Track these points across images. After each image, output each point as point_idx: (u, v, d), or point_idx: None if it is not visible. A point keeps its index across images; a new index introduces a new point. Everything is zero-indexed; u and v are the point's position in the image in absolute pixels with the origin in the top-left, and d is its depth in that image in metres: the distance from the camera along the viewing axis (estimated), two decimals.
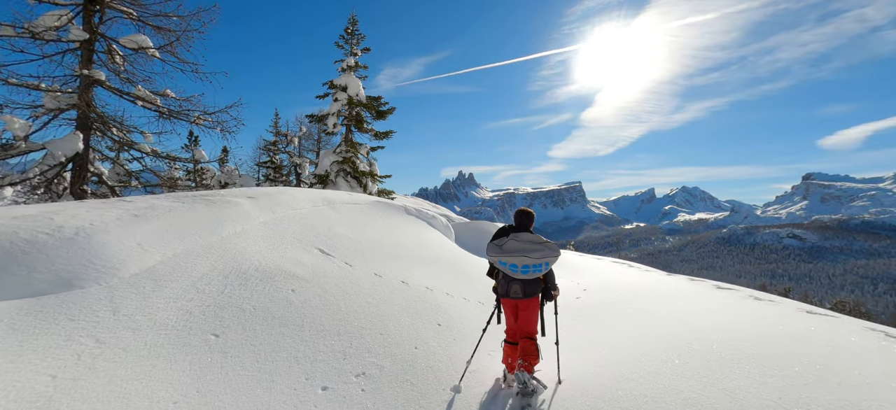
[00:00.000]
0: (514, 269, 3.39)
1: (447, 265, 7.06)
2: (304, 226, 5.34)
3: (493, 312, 3.94)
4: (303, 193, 6.27)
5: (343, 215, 6.46)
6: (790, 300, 6.17)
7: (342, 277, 4.58)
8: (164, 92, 10.90)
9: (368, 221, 6.83)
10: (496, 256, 3.45)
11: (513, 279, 3.48)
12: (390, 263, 5.72)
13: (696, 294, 6.76)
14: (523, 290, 3.46)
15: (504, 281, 3.57)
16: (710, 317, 5.24)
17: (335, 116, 13.32)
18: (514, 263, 3.36)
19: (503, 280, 3.59)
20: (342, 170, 13.11)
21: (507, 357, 3.64)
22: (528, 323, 3.58)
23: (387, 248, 6.20)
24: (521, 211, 3.75)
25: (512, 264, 3.38)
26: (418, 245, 7.15)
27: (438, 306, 5.09)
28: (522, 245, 3.36)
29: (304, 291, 3.90)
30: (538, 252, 3.34)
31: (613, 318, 6.09)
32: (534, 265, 3.34)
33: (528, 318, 3.57)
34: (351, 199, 7.23)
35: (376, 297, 4.52)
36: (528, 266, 3.34)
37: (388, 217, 7.70)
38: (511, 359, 3.58)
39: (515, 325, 3.67)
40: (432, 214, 9.57)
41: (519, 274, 3.40)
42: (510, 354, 3.62)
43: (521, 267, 3.36)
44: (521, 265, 3.35)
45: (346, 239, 5.69)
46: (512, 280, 3.49)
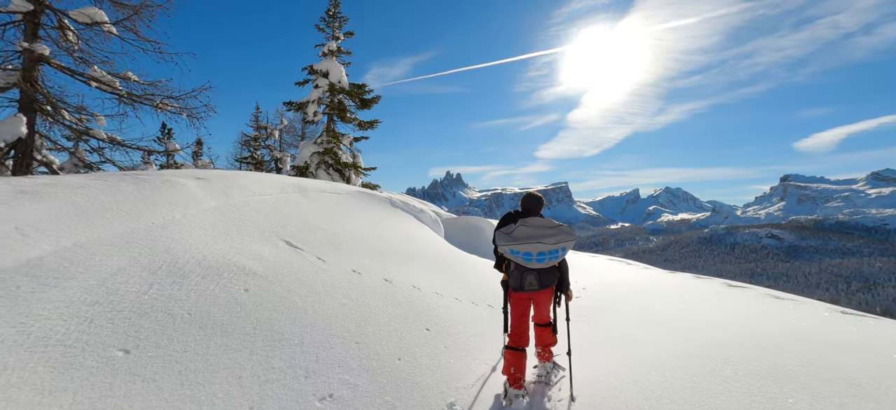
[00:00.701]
0: (527, 258, 3.02)
1: (436, 262, 6.35)
2: (269, 215, 4.55)
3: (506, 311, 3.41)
4: (270, 178, 5.49)
5: (318, 204, 5.68)
6: (812, 300, 5.67)
7: (312, 274, 3.84)
8: (125, 74, 9.88)
9: (348, 212, 6.07)
10: (506, 244, 3.05)
11: (527, 269, 3.12)
12: (372, 259, 4.99)
13: (707, 293, 6.23)
14: (539, 281, 3.13)
15: (517, 272, 3.17)
16: (734, 320, 4.67)
17: (316, 104, 12.43)
18: (528, 251, 2.99)
19: (516, 271, 3.18)
20: (323, 162, 12.23)
21: (509, 367, 3.11)
22: (541, 312, 3.39)
23: (368, 243, 5.46)
24: (530, 195, 3.40)
25: (525, 252, 3.00)
26: (404, 239, 6.43)
27: (427, 308, 4.38)
28: (534, 230, 3.01)
29: (260, 291, 3.14)
30: (553, 236, 2.99)
31: (619, 319, 5.49)
32: (549, 251, 2.99)
33: (542, 306, 3.36)
34: (329, 188, 6.46)
35: (353, 298, 3.79)
36: (543, 253, 2.98)
37: (371, 209, 6.95)
38: (514, 369, 3.09)
39: (526, 324, 3.29)
40: (419, 207, 8.84)
41: (533, 263, 3.04)
42: (514, 363, 3.12)
43: (535, 255, 2.99)
44: (536, 253, 2.98)
45: (321, 232, 4.93)
46: (526, 270, 3.13)
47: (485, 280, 6.94)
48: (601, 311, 6.09)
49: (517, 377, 3.06)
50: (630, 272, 8.97)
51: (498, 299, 6.18)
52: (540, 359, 3.52)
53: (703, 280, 7.44)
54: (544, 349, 3.46)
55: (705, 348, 3.62)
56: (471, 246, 11.18)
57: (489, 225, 11.88)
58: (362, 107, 13.27)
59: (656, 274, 8.64)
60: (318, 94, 12.39)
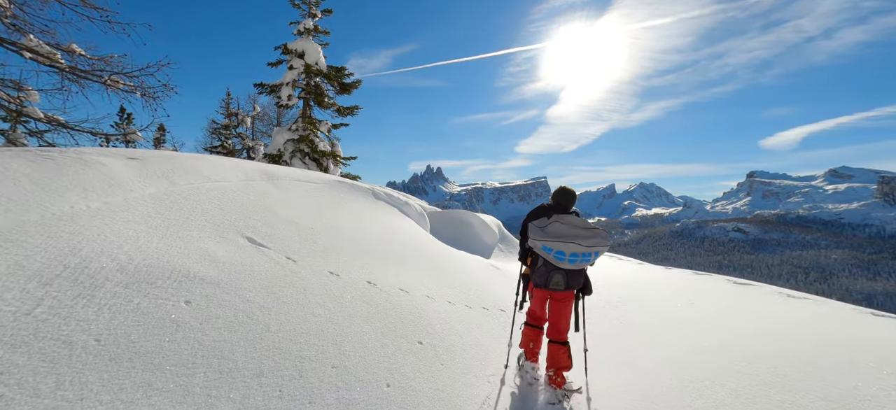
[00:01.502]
0: (560, 257, 2.89)
1: (425, 259, 5.71)
2: (227, 205, 3.78)
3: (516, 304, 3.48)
4: (231, 162, 4.67)
5: (290, 195, 4.91)
6: (827, 299, 5.36)
7: (279, 278, 3.12)
8: (69, 46, 8.69)
9: (325, 204, 5.33)
10: (540, 240, 2.90)
11: (556, 268, 2.98)
12: (353, 258, 4.30)
13: (714, 291, 5.87)
14: (566, 281, 3.00)
15: (544, 269, 3.03)
16: (755, 324, 4.25)
17: (290, 87, 11.42)
18: (561, 250, 2.84)
19: (544, 268, 3.04)
20: (299, 150, 11.27)
21: (528, 342, 3.22)
22: (559, 320, 3.12)
23: (349, 239, 4.76)
24: (564, 189, 3.24)
25: (558, 251, 2.86)
26: (389, 235, 5.74)
27: (418, 315, 3.74)
28: (571, 229, 2.86)
29: (207, 303, 2.42)
30: (589, 239, 2.82)
31: (626, 323, 5.01)
32: (583, 254, 2.85)
33: (561, 314, 3.12)
34: (303, 177, 5.67)
35: (330, 307, 3.11)
36: (576, 254, 2.84)
37: (352, 201, 6.22)
38: (532, 344, 3.19)
39: (543, 317, 3.26)
40: (404, 200, 8.15)
41: (565, 263, 2.90)
42: (532, 338, 3.21)
43: (568, 256, 2.85)
44: (569, 253, 2.83)
45: (292, 226, 4.19)
46: (554, 269, 2.99)
47: (476, 278, 6.35)
48: (604, 312, 5.61)
49: (535, 351, 3.15)
50: (625, 268, 8.61)
51: (492, 300, 5.61)
52: (550, 383, 3.05)
53: (704, 276, 7.13)
54: (556, 373, 3.04)
55: (746, 361, 3.14)
56: (458, 241, 10.57)
57: (476, 219, 11.30)
58: (342, 92, 12.32)
59: (653, 270, 8.31)
60: (293, 76, 11.37)
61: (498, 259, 10.37)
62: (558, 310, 3.13)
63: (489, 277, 6.93)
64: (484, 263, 8.08)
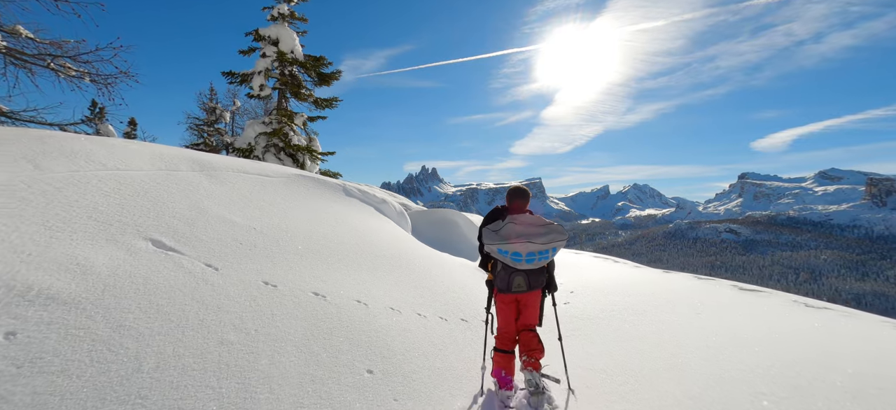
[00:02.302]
0: (516, 259, 2.84)
1: (399, 265, 5.03)
2: (130, 201, 3.05)
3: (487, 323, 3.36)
4: (148, 149, 3.90)
5: (229, 189, 4.18)
6: (857, 311, 4.76)
7: (184, 293, 2.42)
8: (13, 28, 7.90)
9: (277, 201, 4.62)
10: (494, 243, 2.85)
11: (515, 270, 2.93)
12: (303, 265, 3.60)
13: (721, 300, 5.24)
14: (528, 282, 2.95)
15: (504, 273, 2.98)
16: (785, 343, 3.62)
17: (262, 76, 10.61)
18: (517, 251, 2.80)
19: (503, 272, 2.99)
20: (272, 145, 10.50)
21: (500, 369, 2.95)
22: (528, 317, 3.06)
23: (303, 242, 4.06)
24: (517, 188, 3.20)
25: (514, 253, 2.81)
26: (356, 238, 5.05)
27: (373, 334, 3.06)
28: (524, 229, 2.84)
29: (43, 335, 1.71)
30: (544, 235, 2.80)
31: (627, 337, 4.36)
32: (540, 252, 2.81)
33: (530, 312, 3.06)
34: (253, 169, 4.94)
35: (250, 329, 2.41)
36: (533, 253, 2.80)
37: (314, 198, 5.51)
38: (505, 372, 2.92)
39: (513, 327, 3.09)
40: (381, 197, 7.45)
41: (523, 264, 2.86)
42: (503, 365, 2.96)
43: (525, 256, 2.80)
44: (526, 253, 2.79)
45: (226, 226, 3.48)
46: (514, 271, 2.94)
47: (458, 284, 5.68)
48: (596, 324, 4.97)
49: (507, 379, 2.88)
50: (620, 272, 7.99)
51: (473, 310, 4.94)
52: (525, 367, 2.91)
53: (706, 281, 6.52)
54: (530, 355, 2.93)
55: (794, 390, 2.49)
56: (443, 242, 9.90)
57: (463, 218, 10.64)
58: (321, 83, 11.56)
59: (650, 274, 7.70)
60: (266, 65, 10.54)
61: None
62: (525, 305, 3.05)
63: (472, 282, 6.26)
64: (469, 266, 7.42)
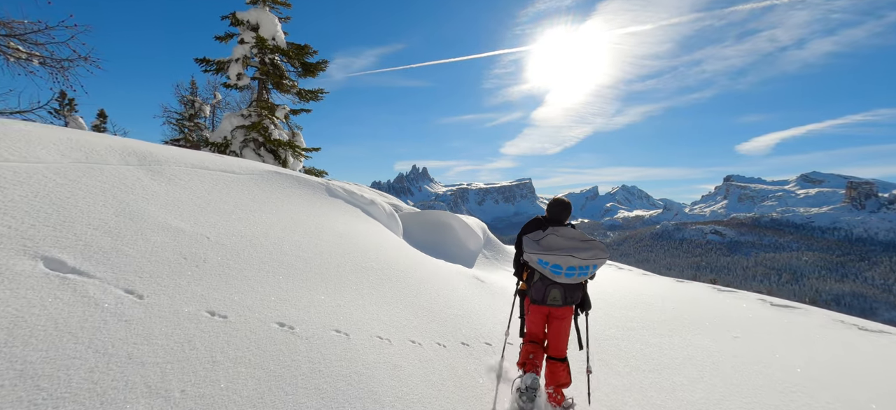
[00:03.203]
0: (556, 271, 2.71)
1: (386, 278, 4.31)
2: (20, 203, 2.27)
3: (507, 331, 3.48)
4: (62, 134, 3.05)
5: (178, 189, 3.38)
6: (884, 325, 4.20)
7: (74, 336, 1.67)
8: None
9: (244, 204, 3.85)
10: (535, 253, 2.73)
11: (553, 283, 2.81)
12: (268, 284, 2.86)
13: (753, 316, 4.65)
14: (563, 296, 2.83)
15: (541, 284, 2.86)
16: (860, 381, 3.00)
17: (240, 64, 9.69)
18: (558, 264, 2.67)
19: (540, 283, 2.87)
20: (251, 139, 9.60)
21: (528, 354, 2.87)
22: (558, 338, 2.92)
23: (271, 254, 3.31)
24: (558, 201, 3.10)
25: (554, 265, 2.69)
26: (339, 246, 4.31)
27: (355, 378, 2.34)
28: (567, 242, 2.73)
29: None
30: (586, 251, 2.67)
31: (657, 365, 3.71)
32: (580, 267, 2.68)
33: (560, 331, 2.92)
34: (216, 164, 4.13)
35: (176, 392, 1.68)
36: (573, 268, 2.67)
37: (292, 198, 4.74)
38: (533, 355, 2.85)
39: (543, 332, 3.00)
40: (369, 198, 6.71)
41: (562, 277, 2.74)
42: (532, 351, 2.89)
43: (565, 269, 2.68)
44: (566, 266, 2.66)
45: (168, 236, 2.71)
46: (551, 284, 2.82)
47: (457, 299, 4.98)
48: (617, 346, 4.31)
49: (535, 363, 2.86)
50: (630, 281, 7.40)
51: (474, 330, 4.26)
52: (549, 401, 2.87)
53: (728, 293, 5.96)
54: (556, 390, 2.88)
55: None
56: (438, 247, 9.18)
57: (458, 221, 9.94)
58: (305, 74, 10.68)
59: (662, 284, 7.13)
60: (244, 52, 9.61)
61: (482, 267, 9.03)
62: (557, 328, 2.95)
63: (472, 295, 5.58)
64: (466, 275, 6.73)
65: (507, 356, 3.61)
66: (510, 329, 3.65)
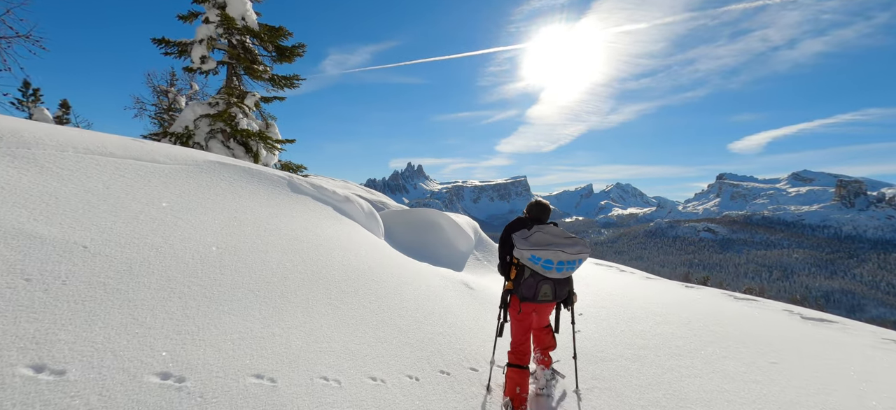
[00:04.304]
0: (547, 267, 2.78)
1: (351, 292, 3.55)
2: None
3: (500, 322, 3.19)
4: None
5: (56, 181, 2.54)
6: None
7: None
8: None
9: (160, 202, 3.06)
10: (527, 249, 2.79)
11: (544, 278, 2.88)
12: (162, 310, 2.09)
13: (787, 334, 3.94)
14: (554, 292, 2.91)
15: (532, 280, 2.89)
16: None
17: (205, 46, 8.72)
18: (549, 259, 2.75)
19: (531, 279, 2.90)
20: (217, 130, 8.69)
21: (514, 387, 2.82)
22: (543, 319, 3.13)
23: (181, 267, 2.52)
24: (539, 203, 3.18)
25: (546, 260, 2.76)
26: (292, 252, 3.54)
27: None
28: (554, 238, 2.79)
29: None
30: (572, 246, 2.77)
31: (681, 401, 3.00)
32: (569, 262, 2.79)
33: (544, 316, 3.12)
34: (126, 151, 3.26)
35: None
36: (563, 262, 2.77)
37: (237, 196, 3.94)
38: (519, 389, 2.81)
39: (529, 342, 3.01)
40: (343, 196, 5.92)
41: (553, 272, 2.82)
42: (519, 382, 2.83)
43: (556, 264, 2.77)
44: (557, 261, 2.75)
45: (11, 246, 1.91)
46: (543, 279, 2.88)
47: (439, 310, 4.24)
48: (624, 370, 3.58)
49: (523, 397, 2.80)
50: (634, 286, 6.70)
51: (458, 351, 3.54)
52: (538, 364, 3.09)
53: (749, 303, 5.27)
54: (543, 353, 3.12)
55: None
56: (424, 248, 8.42)
57: (447, 220, 9.18)
58: (280, 59, 9.78)
59: (671, 289, 6.43)
60: (209, 32, 8.65)
61: (473, 271, 8.29)
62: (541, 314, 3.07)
63: (458, 304, 4.83)
64: (453, 280, 5.98)
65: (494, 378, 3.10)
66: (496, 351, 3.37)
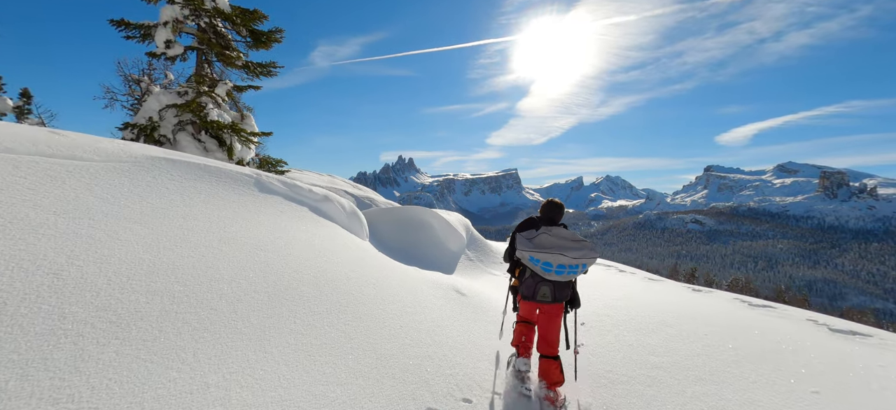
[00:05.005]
0: (547, 269, 2.85)
1: (323, 310, 2.99)
2: None
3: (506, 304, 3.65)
4: None
5: None
6: None
7: None
8: None
9: (68, 208, 2.45)
10: (527, 251, 2.88)
11: (543, 279, 2.98)
12: (42, 361, 1.52)
13: (820, 352, 3.51)
14: (553, 293, 2.99)
15: (531, 281, 3.04)
16: None
17: (169, 29, 7.90)
18: (549, 261, 2.81)
19: (531, 280, 3.04)
20: (187, 122, 7.92)
21: (521, 336, 3.11)
22: (549, 332, 3.04)
23: (93, 300, 1.94)
24: (552, 202, 3.21)
25: (545, 262, 2.83)
26: (249, 266, 2.96)
27: None
28: (558, 241, 2.84)
29: None
30: (576, 250, 2.79)
31: None
32: (570, 266, 2.81)
33: (550, 326, 3.05)
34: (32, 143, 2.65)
35: None
36: (563, 266, 2.80)
37: (187, 199, 3.32)
38: (525, 338, 3.09)
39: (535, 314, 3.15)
40: (322, 194, 5.32)
41: (552, 275, 2.88)
42: (524, 332, 3.12)
43: (556, 267, 2.82)
44: (556, 264, 2.80)
45: None
46: (541, 280, 2.99)
47: (427, 325, 3.71)
48: (640, 397, 3.11)
49: (527, 346, 3.07)
50: (638, 291, 6.25)
51: (446, 377, 3.02)
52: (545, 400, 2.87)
53: (764, 310, 4.85)
54: (549, 386, 2.91)
55: None
56: (413, 249, 7.87)
57: (438, 219, 8.63)
58: (256, 45, 9.01)
59: (677, 292, 5.99)
60: (175, 14, 7.78)
61: (465, 273, 7.77)
62: (547, 322, 3.06)
63: (448, 316, 4.31)
64: (444, 286, 5.45)
65: None
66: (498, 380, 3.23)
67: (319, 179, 13.73)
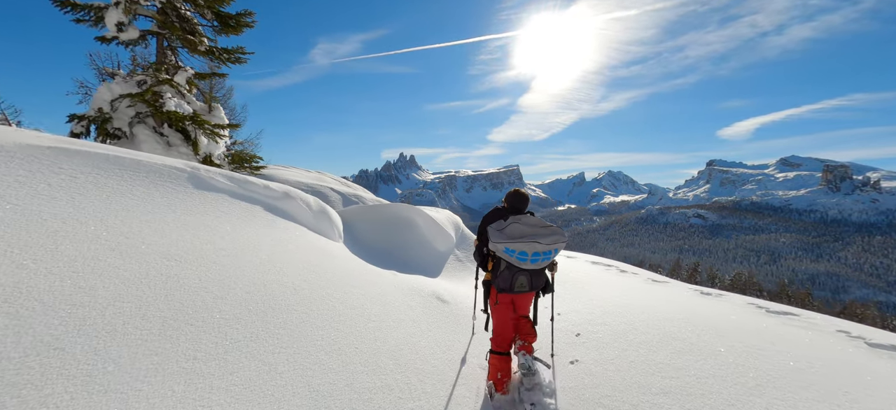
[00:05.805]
0: (522, 258, 2.81)
1: (252, 336, 2.37)
2: None
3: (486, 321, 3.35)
4: None
5: None
6: None
7: None
8: None
9: None
10: (502, 242, 2.81)
11: (520, 270, 2.93)
12: None
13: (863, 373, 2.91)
14: (530, 282, 2.98)
15: (508, 273, 2.96)
16: None
17: (121, 10, 7.18)
18: (524, 251, 2.77)
19: (507, 271, 2.96)
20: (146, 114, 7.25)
21: (496, 372, 2.96)
22: (523, 309, 3.14)
23: None
24: (518, 192, 3.20)
25: (520, 252, 2.79)
26: (160, 283, 2.34)
27: None
28: (530, 229, 2.82)
29: None
30: (548, 236, 2.78)
31: None
32: (544, 252, 2.80)
33: (524, 306, 3.15)
34: None
35: None
36: (538, 253, 2.79)
37: (78, 198, 2.71)
38: (501, 374, 2.95)
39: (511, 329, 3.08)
40: (282, 191, 4.68)
41: (527, 264, 2.85)
42: (500, 368, 2.97)
43: (531, 255, 2.79)
44: (531, 253, 2.77)
45: None
46: (518, 271, 2.94)
47: (393, 343, 3.09)
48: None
49: (504, 381, 2.94)
50: (641, 294, 5.60)
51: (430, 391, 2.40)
52: (519, 350, 2.92)
53: (785, 317, 4.19)
54: (524, 339, 2.99)
55: None
56: (396, 251, 7.21)
57: (423, 217, 7.98)
58: (225, 30, 8.32)
59: (685, 297, 5.33)
60: None
61: (452, 276, 7.13)
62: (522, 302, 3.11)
63: (424, 330, 3.68)
64: (423, 292, 4.82)
65: None
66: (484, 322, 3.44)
67: (306, 176, 13.07)
